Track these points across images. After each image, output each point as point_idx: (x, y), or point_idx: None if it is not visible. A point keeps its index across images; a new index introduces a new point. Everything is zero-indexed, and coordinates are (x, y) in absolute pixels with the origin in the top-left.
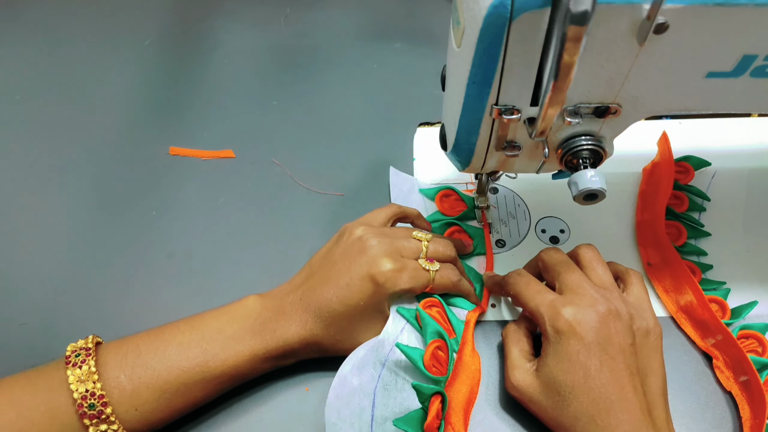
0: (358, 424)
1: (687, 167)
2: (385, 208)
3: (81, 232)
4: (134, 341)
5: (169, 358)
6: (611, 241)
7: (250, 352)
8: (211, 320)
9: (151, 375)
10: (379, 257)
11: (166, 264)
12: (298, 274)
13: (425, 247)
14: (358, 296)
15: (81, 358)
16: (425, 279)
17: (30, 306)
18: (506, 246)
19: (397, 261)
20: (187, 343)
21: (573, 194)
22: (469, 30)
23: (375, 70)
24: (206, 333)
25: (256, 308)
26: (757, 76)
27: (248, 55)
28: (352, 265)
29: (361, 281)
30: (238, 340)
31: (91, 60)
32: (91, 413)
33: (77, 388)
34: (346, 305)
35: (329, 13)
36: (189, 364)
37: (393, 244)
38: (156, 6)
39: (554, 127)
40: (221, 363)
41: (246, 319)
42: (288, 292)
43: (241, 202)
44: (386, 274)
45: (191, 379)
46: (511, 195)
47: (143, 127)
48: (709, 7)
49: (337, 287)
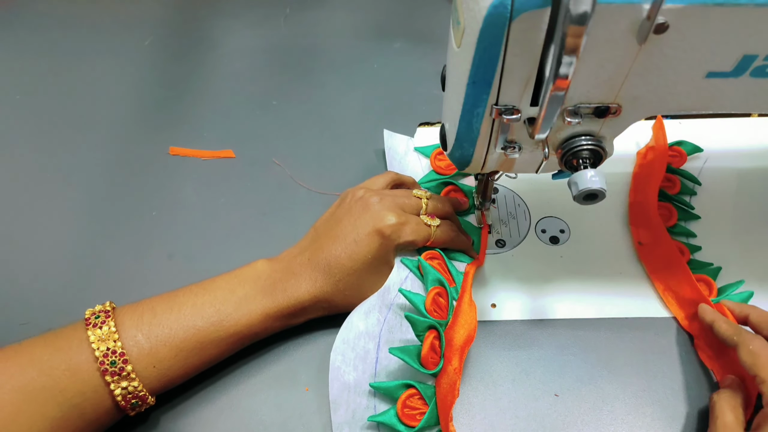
0: (362, 366)
1: (680, 152)
2: (382, 174)
3: (81, 232)
4: (149, 303)
5: (184, 318)
6: (611, 241)
7: (263, 311)
8: (223, 282)
9: (168, 334)
10: (384, 212)
11: (166, 264)
12: (304, 238)
13: (425, 204)
14: (366, 250)
15: (101, 319)
16: (426, 232)
17: (30, 306)
18: (506, 246)
19: (400, 215)
20: (201, 304)
21: (573, 194)
22: (469, 30)
23: (375, 70)
24: (219, 294)
25: (266, 270)
26: (757, 76)
27: (248, 55)
28: (358, 221)
29: (368, 236)
30: (251, 300)
31: (91, 60)
32: (112, 370)
33: (98, 347)
34: (355, 260)
35: (329, 13)
36: (204, 323)
37: (395, 201)
38: (156, 6)
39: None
40: (235, 322)
41: (257, 281)
42: (296, 254)
43: (241, 202)
44: (392, 227)
45: (206, 337)
46: (511, 195)
47: (143, 127)
48: (709, 7)
49: (344, 243)
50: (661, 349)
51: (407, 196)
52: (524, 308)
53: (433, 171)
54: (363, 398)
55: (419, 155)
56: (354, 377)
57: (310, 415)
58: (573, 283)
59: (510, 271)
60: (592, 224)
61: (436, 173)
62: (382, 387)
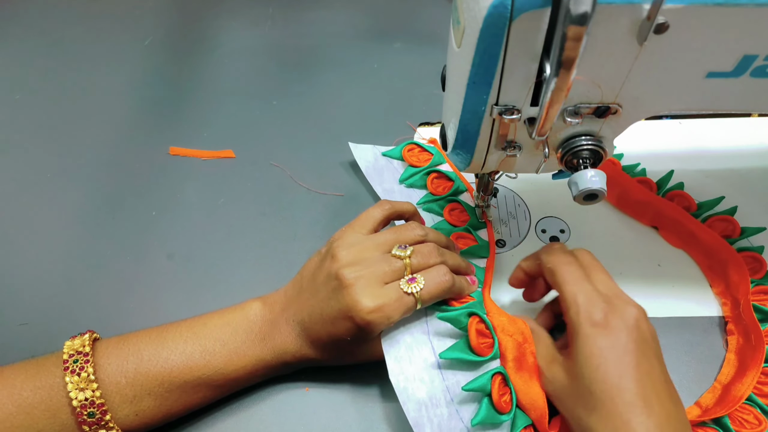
0: (428, 376)
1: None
2: (377, 208)
3: (81, 232)
4: (135, 343)
5: (171, 367)
6: (611, 241)
7: (252, 366)
8: (213, 330)
9: (153, 383)
10: (357, 297)
11: (166, 264)
12: (291, 284)
13: (407, 265)
14: (344, 332)
15: (79, 364)
16: (410, 303)
17: (30, 306)
18: (506, 246)
19: (376, 297)
20: (190, 352)
21: (573, 194)
22: (469, 30)
23: (375, 70)
24: (209, 345)
25: (257, 320)
26: (757, 76)
27: (248, 55)
28: (331, 302)
29: (344, 321)
30: (241, 354)
31: (91, 60)
32: (90, 421)
33: (76, 396)
34: (333, 338)
35: (329, 13)
36: (191, 376)
37: (373, 274)
38: (156, 6)
39: (554, 127)
40: (223, 377)
41: (248, 332)
42: (284, 306)
43: (241, 203)
44: (367, 315)
45: (192, 388)
46: (511, 195)
47: (143, 127)
48: (709, 7)
49: (321, 319)
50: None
51: (387, 260)
52: (524, 308)
53: (410, 167)
54: (443, 408)
55: (387, 159)
56: (426, 391)
57: (310, 415)
58: None
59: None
60: (592, 224)
61: (413, 167)
62: (447, 316)
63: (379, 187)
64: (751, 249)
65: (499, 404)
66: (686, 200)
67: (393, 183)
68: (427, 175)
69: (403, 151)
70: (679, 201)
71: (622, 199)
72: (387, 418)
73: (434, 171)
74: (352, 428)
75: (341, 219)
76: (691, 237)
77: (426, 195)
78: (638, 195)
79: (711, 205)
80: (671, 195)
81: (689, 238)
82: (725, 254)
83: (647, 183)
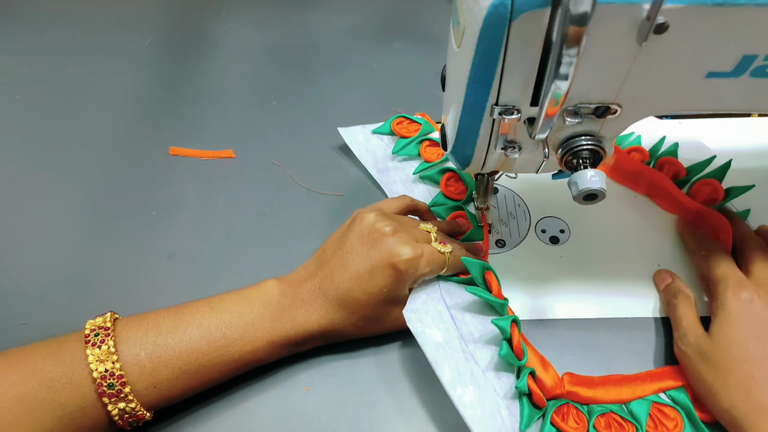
0: (443, 325)
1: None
2: (397, 198)
3: (81, 232)
4: (154, 318)
5: (189, 339)
6: (611, 241)
7: (269, 339)
8: (231, 304)
9: (171, 355)
10: (398, 244)
11: (166, 264)
12: (313, 260)
13: (434, 237)
14: (381, 284)
15: (100, 337)
16: (441, 261)
17: (30, 306)
18: (506, 246)
19: (415, 247)
20: (207, 325)
21: (573, 194)
22: (469, 30)
23: (375, 70)
24: (226, 318)
25: (275, 294)
26: (757, 76)
27: (248, 55)
28: (371, 253)
29: (383, 269)
30: (258, 327)
31: (91, 60)
32: (110, 392)
33: (96, 367)
34: (368, 293)
35: (329, 13)
36: (209, 348)
37: (408, 232)
38: (156, 6)
39: (554, 127)
40: (240, 348)
41: (266, 306)
42: (305, 278)
43: (241, 202)
44: (407, 261)
45: (210, 361)
46: (511, 195)
47: (143, 127)
48: (709, 7)
49: (357, 276)
50: (661, 349)
51: (417, 228)
52: (524, 308)
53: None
54: (458, 352)
55: (379, 136)
56: (442, 336)
57: (310, 415)
58: (573, 283)
59: (510, 271)
60: (592, 224)
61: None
62: (470, 263)
63: (373, 168)
64: (738, 214)
65: (517, 349)
66: (675, 166)
67: (386, 161)
68: (420, 143)
69: (392, 124)
70: (669, 168)
71: (615, 169)
72: (387, 418)
73: (426, 139)
74: (353, 428)
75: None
76: (680, 205)
77: (421, 163)
78: (630, 165)
79: (700, 168)
80: (661, 162)
81: (679, 205)
82: (713, 220)
83: (640, 151)
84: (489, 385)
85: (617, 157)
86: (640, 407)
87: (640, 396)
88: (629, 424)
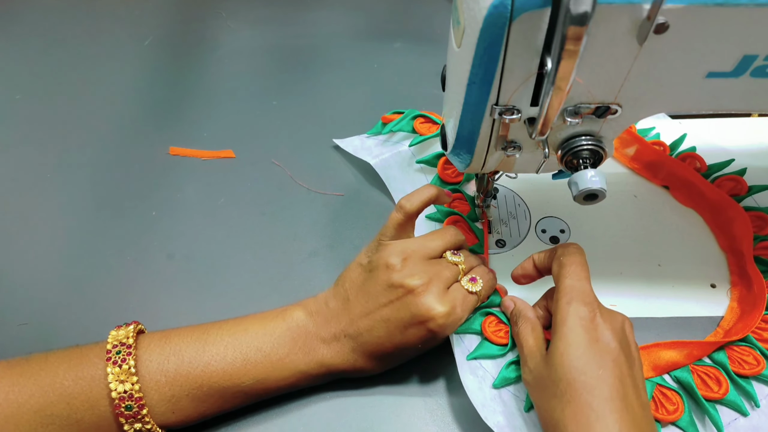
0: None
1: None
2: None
3: (81, 232)
4: (177, 343)
5: (211, 372)
6: (611, 241)
7: (293, 377)
8: (255, 337)
9: (192, 385)
10: (430, 303)
11: (166, 264)
12: (333, 296)
13: (461, 270)
14: (414, 340)
15: (122, 356)
16: (473, 301)
17: (30, 306)
18: (506, 246)
19: (447, 301)
20: (231, 360)
21: (573, 194)
22: (469, 30)
23: (375, 70)
24: (250, 354)
25: (301, 332)
26: (757, 76)
27: (248, 55)
28: (401, 312)
29: (415, 328)
30: (281, 367)
31: (91, 60)
32: (127, 413)
33: (116, 387)
34: (400, 347)
35: (329, 13)
36: (230, 383)
37: (439, 279)
38: (156, 6)
39: (554, 127)
40: (262, 386)
41: (292, 344)
42: (328, 319)
43: (241, 202)
44: (442, 320)
45: (230, 393)
46: (511, 195)
47: (143, 127)
48: (709, 7)
49: (388, 332)
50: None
51: (447, 268)
52: None
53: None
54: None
55: (374, 138)
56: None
57: (311, 416)
58: None
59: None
60: (592, 224)
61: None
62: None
63: (372, 160)
64: (757, 209)
65: (493, 338)
66: (697, 161)
67: (381, 150)
68: (413, 119)
69: (414, 123)
70: (690, 162)
71: (635, 159)
72: (387, 418)
73: (419, 116)
74: (352, 428)
75: (341, 219)
76: (700, 196)
77: (415, 137)
78: (651, 155)
79: (721, 166)
80: (683, 156)
81: (698, 197)
82: (732, 212)
83: (660, 145)
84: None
85: (639, 147)
86: None
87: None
88: None
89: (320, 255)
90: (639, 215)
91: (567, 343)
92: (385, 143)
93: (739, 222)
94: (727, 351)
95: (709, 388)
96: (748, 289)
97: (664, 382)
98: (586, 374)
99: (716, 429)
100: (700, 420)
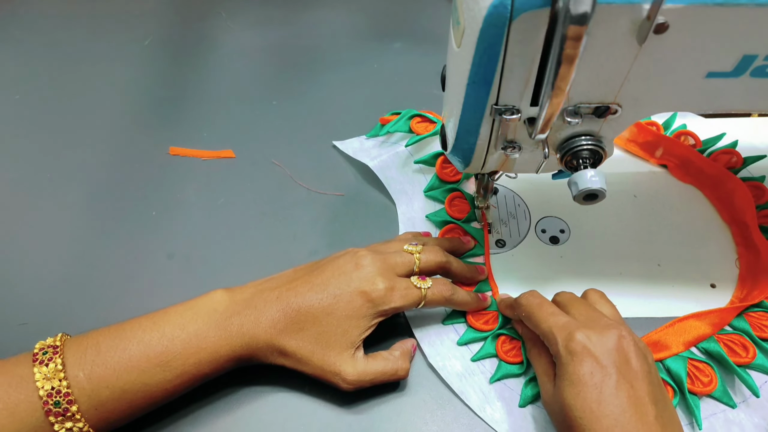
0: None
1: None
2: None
3: (81, 232)
4: (95, 337)
5: (129, 357)
6: (611, 240)
7: (213, 350)
8: (174, 316)
9: (110, 374)
10: (373, 275)
11: (166, 264)
12: (280, 275)
13: (417, 260)
14: (344, 307)
15: (48, 356)
16: (416, 296)
17: (30, 306)
18: (506, 246)
19: (389, 279)
20: (148, 341)
21: (573, 194)
22: (469, 30)
23: (375, 70)
24: (168, 330)
25: (224, 302)
26: (757, 76)
27: (248, 55)
28: (343, 277)
29: (350, 294)
30: (201, 337)
31: (91, 60)
32: (56, 410)
33: (43, 385)
34: (327, 313)
35: (329, 13)
36: (149, 364)
37: (386, 261)
38: (156, 6)
39: (554, 127)
40: (182, 362)
41: (211, 314)
42: (264, 289)
43: (241, 202)
44: (379, 292)
45: (152, 378)
46: (511, 195)
47: (143, 127)
48: (709, 7)
49: (322, 294)
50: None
51: (399, 253)
52: None
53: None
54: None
55: (373, 139)
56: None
57: (310, 416)
58: (573, 283)
59: (510, 271)
60: (592, 224)
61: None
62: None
63: (370, 162)
64: (753, 179)
65: (508, 358)
66: (691, 137)
67: (379, 151)
68: (410, 119)
69: (411, 123)
70: (684, 139)
71: (631, 140)
72: (387, 418)
73: (416, 115)
74: (353, 428)
75: (341, 219)
76: (698, 172)
77: (412, 137)
78: (647, 135)
79: (714, 141)
80: (677, 134)
81: (697, 172)
82: (731, 184)
83: (653, 125)
84: (513, 393)
85: (634, 129)
86: (677, 365)
87: (675, 353)
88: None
89: (320, 255)
90: (639, 215)
91: (566, 383)
92: (383, 144)
93: (739, 193)
94: (746, 317)
95: (738, 354)
96: (756, 257)
97: (694, 356)
98: (585, 410)
99: (752, 392)
100: (731, 388)
